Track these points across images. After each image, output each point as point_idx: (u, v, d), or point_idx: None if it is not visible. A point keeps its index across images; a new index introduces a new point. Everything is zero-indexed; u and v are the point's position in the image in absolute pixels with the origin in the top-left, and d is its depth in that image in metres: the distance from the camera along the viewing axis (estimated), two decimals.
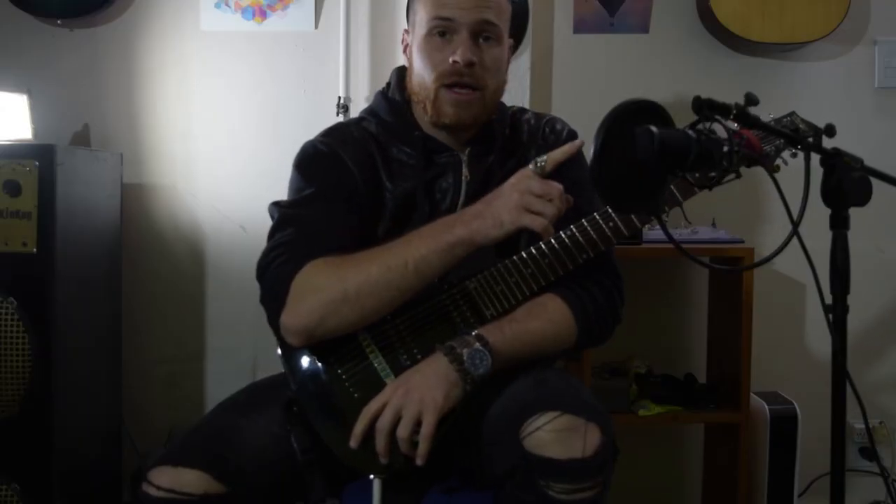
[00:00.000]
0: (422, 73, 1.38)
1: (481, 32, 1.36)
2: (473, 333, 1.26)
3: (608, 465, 1.15)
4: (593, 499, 1.13)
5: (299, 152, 1.44)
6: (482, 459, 1.27)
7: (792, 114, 1.38)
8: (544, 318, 1.32)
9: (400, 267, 1.23)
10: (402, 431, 1.19)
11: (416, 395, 1.20)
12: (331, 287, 1.24)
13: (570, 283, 1.35)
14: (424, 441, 1.18)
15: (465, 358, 1.23)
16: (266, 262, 1.30)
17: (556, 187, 1.21)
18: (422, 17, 1.38)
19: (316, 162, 1.40)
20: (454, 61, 1.34)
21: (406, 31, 1.46)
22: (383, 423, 1.20)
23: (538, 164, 1.24)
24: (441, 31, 1.36)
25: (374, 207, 1.40)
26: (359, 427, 1.23)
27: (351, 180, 1.38)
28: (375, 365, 1.32)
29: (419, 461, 1.19)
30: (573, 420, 1.13)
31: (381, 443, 1.21)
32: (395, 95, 1.47)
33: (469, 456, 1.30)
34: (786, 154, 1.31)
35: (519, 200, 1.20)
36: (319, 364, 1.32)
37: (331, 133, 1.46)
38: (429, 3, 1.37)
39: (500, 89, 1.43)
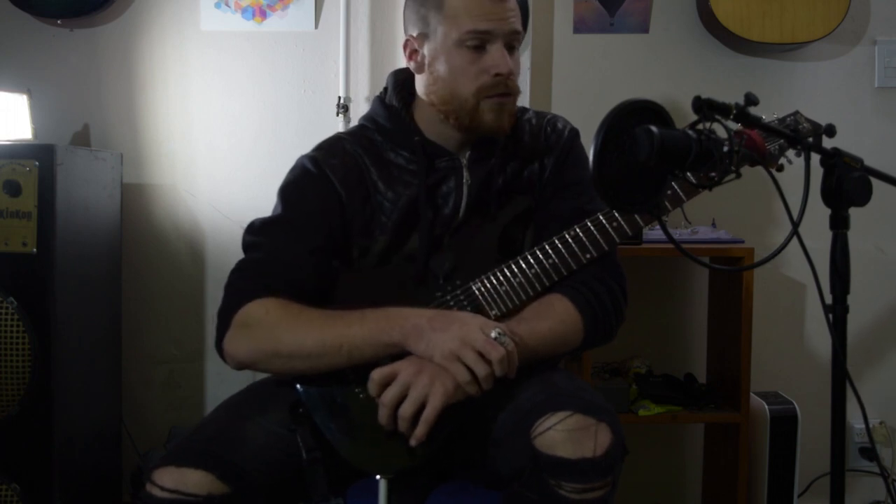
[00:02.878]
0: (453, 85, 1.37)
1: (512, 42, 1.37)
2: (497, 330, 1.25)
3: (618, 464, 1.15)
4: (603, 498, 1.13)
5: (289, 171, 1.46)
6: (488, 459, 1.27)
7: (796, 113, 1.38)
8: (553, 318, 1.33)
9: (333, 348, 1.26)
10: (405, 410, 1.19)
11: (426, 377, 1.20)
12: (266, 341, 1.29)
13: (576, 283, 1.35)
14: (423, 424, 1.18)
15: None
16: (227, 283, 1.37)
17: (498, 351, 1.19)
18: (450, 28, 1.35)
19: (298, 186, 1.43)
20: (497, 74, 1.34)
21: (413, 39, 1.42)
22: (387, 397, 1.21)
23: (498, 335, 1.21)
24: (475, 43, 1.35)
25: (368, 220, 1.41)
26: (373, 392, 1.23)
27: (332, 203, 1.40)
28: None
29: (413, 442, 1.19)
30: (584, 420, 1.13)
31: (382, 415, 1.21)
32: (392, 101, 1.46)
33: (474, 456, 1.30)
34: (791, 153, 1.31)
35: (457, 349, 1.19)
36: None
37: (322, 147, 1.47)
38: (461, 15, 1.34)
39: None
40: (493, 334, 1.20)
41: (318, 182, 1.41)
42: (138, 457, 2.30)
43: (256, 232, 1.40)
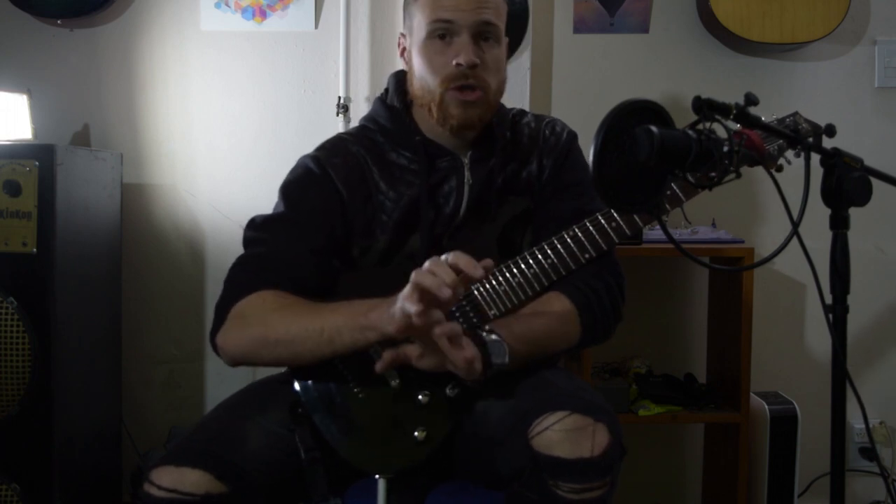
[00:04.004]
0: (424, 77, 1.38)
1: (482, 33, 1.36)
2: (487, 328, 1.25)
3: (616, 464, 1.15)
4: (601, 498, 1.13)
5: (291, 169, 1.46)
6: (487, 460, 1.27)
7: (795, 114, 1.38)
8: (549, 316, 1.33)
9: (316, 333, 1.25)
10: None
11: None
12: (257, 329, 1.29)
13: (574, 281, 1.35)
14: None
15: (487, 344, 1.21)
16: (227, 277, 1.36)
17: (444, 267, 1.12)
18: (420, 20, 1.38)
19: (300, 184, 1.43)
20: (458, 63, 1.34)
21: (402, 35, 1.46)
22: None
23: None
24: (441, 33, 1.36)
25: (370, 220, 1.41)
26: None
27: (334, 203, 1.40)
28: None
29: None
30: (582, 419, 1.13)
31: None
32: (393, 101, 1.47)
33: (474, 456, 1.30)
34: (789, 153, 1.31)
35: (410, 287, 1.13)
36: (325, 366, 1.33)
37: (325, 147, 1.47)
38: (427, 6, 1.37)
39: (501, 88, 1.43)
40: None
41: (320, 181, 1.41)
42: (138, 457, 2.30)
43: (258, 228, 1.40)
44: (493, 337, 1.22)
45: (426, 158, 1.42)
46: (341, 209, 1.40)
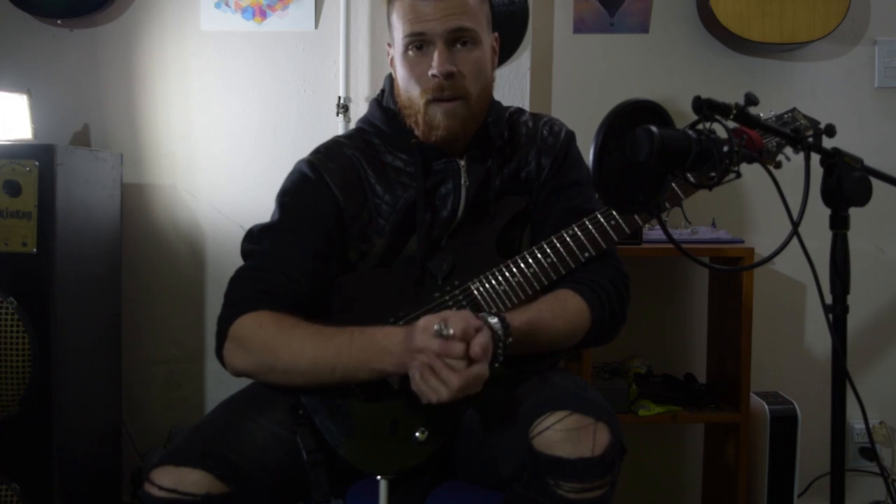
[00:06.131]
0: (407, 89, 1.39)
1: (457, 40, 1.36)
2: (493, 311, 1.24)
3: (616, 464, 1.15)
4: (602, 498, 1.13)
5: (287, 176, 1.46)
6: (488, 460, 1.27)
7: (793, 110, 1.38)
8: (566, 318, 1.33)
9: (326, 371, 1.26)
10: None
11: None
12: (262, 356, 1.30)
13: (584, 279, 1.36)
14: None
15: (495, 327, 1.19)
16: (226, 291, 1.37)
17: (456, 349, 1.13)
18: (398, 33, 1.38)
19: (296, 190, 1.43)
20: (433, 75, 1.34)
21: (389, 45, 1.46)
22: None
23: (442, 330, 1.14)
24: (417, 45, 1.36)
25: (366, 224, 1.41)
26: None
27: (330, 207, 1.40)
28: None
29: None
30: (583, 419, 1.13)
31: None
32: (389, 104, 1.47)
33: (474, 456, 1.30)
34: (788, 150, 1.31)
35: (424, 371, 1.15)
36: None
37: (320, 150, 1.47)
38: (402, 19, 1.36)
39: (487, 90, 1.42)
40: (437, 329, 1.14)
41: (316, 187, 1.41)
42: (138, 457, 2.30)
43: (255, 240, 1.40)
44: (493, 321, 1.20)
45: (422, 161, 1.42)
46: (337, 213, 1.40)
